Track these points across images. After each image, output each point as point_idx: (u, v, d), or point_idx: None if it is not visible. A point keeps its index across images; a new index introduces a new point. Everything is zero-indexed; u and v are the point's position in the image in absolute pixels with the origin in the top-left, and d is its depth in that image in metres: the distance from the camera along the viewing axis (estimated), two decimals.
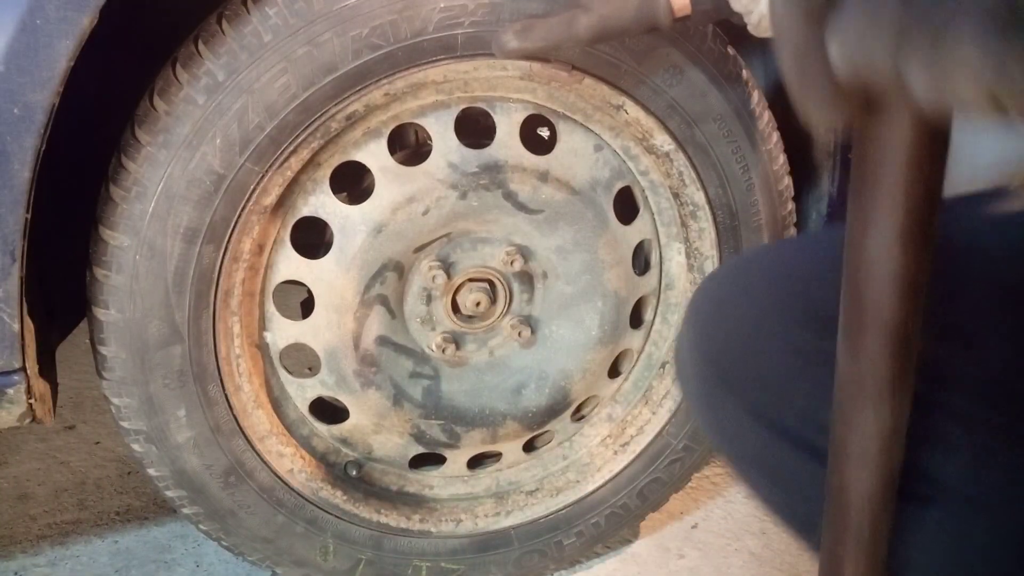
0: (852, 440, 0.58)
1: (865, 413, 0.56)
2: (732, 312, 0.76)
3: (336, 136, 1.02)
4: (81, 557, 1.36)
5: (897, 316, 0.52)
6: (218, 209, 0.96)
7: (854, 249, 0.53)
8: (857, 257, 0.53)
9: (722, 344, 0.75)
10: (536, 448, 1.30)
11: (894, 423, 0.56)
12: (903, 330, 0.53)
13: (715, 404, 0.77)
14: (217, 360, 1.04)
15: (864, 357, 0.55)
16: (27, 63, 0.81)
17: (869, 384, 0.55)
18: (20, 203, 0.85)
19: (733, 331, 0.75)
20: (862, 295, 0.53)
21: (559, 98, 1.08)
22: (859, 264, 0.53)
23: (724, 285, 0.79)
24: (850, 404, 0.57)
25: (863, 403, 0.56)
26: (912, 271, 0.51)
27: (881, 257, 0.51)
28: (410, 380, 1.16)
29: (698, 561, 1.38)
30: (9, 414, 0.93)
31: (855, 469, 0.59)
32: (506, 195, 1.09)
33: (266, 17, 0.91)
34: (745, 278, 0.78)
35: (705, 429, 0.83)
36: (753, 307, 0.74)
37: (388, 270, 1.08)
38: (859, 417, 0.56)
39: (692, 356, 0.78)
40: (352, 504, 1.19)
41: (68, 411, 1.73)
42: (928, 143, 0.46)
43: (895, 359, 0.54)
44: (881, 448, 0.57)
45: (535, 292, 1.18)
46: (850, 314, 0.55)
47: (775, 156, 1.15)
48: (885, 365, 0.54)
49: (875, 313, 0.53)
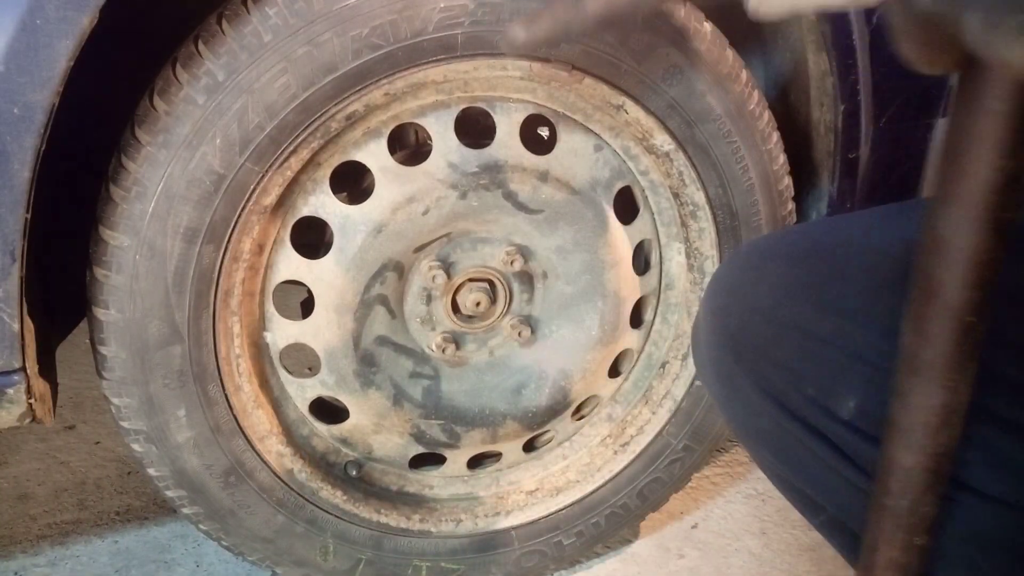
0: (904, 417, 0.57)
1: (919, 391, 0.55)
2: (749, 295, 0.77)
3: (336, 136, 1.02)
4: (81, 557, 1.36)
5: (961, 297, 0.51)
6: (218, 209, 0.96)
7: (930, 225, 0.51)
8: (929, 230, 0.51)
9: (738, 325, 0.76)
10: (536, 448, 1.30)
11: (948, 404, 0.55)
12: (968, 312, 0.52)
13: (729, 382, 0.78)
14: (217, 360, 1.04)
15: (925, 335, 0.54)
16: (27, 63, 0.81)
17: (927, 363, 0.54)
18: (20, 203, 0.85)
19: (749, 313, 0.76)
20: (929, 269, 0.52)
21: (559, 98, 1.08)
22: (932, 241, 0.51)
23: (742, 268, 0.80)
24: (906, 381, 0.56)
25: (918, 381, 0.55)
26: (982, 252, 0.49)
27: (952, 233, 0.50)
28: (410, 380, 1.16)
29: (698, 561, 1.38)
30: (9, 414, 0.93)
31: (902, 447, 0.58)
32: (506, 195, 1.09)
33: (266, 17, 0.91)
34: (763, 262, 0.79)
35: (718, 405, 0.84)
36: (769, 291, 0.75)
37: (388, 270, 1.08)
38: (913, 395, 0.56)
39: (709, 335, 0.79)
40: (352, 504, 1.19)
41: (68, 411, 1.73)
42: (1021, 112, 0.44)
43: (957, 341, 0.53)
44: (931, 428, 0.56)
45: (535, 292, 1.18)
46: (918, 290, 0.54)
47: (775, 156, 1.15)
48: (946, 345, 0.53)
49: (942, 292, 0.52)
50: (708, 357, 0.81)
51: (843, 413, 0.70)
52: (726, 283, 0.80)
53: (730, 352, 0.77)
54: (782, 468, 0.80)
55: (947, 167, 0.49)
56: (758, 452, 0.83)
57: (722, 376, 0.79)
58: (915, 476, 0.58)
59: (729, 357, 0.77)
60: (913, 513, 0.59)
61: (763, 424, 0.77)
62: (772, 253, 0.80)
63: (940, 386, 0.54)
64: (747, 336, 0.76)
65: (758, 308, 0.75)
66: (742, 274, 0.79)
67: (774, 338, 0.74)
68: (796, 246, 0.79)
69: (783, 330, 0.73)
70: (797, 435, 0.73)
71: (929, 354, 0.54)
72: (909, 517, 0.60)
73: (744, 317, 0.76)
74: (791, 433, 0.74)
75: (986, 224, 0.48)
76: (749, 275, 0.79)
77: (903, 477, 0.59)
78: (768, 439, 0.78)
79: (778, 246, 0.81)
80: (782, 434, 0.75)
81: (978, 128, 0.46)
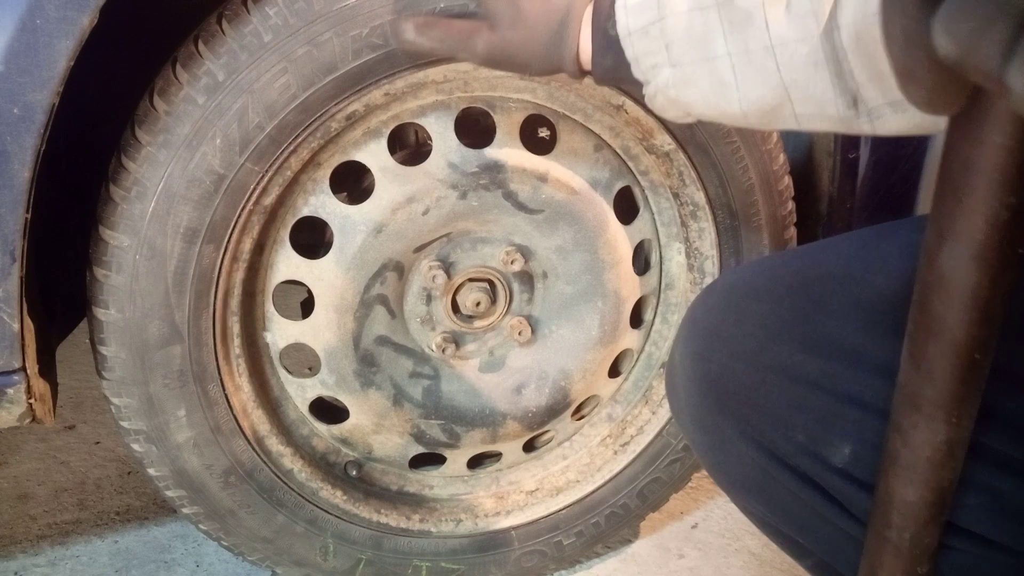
0: (905, 453, 0.55)
1: (919, 426, 0.53)
2: (730, 338, 0.73)
3: (336, 136, 1.02)
4: (81, 557, 1.36)
5: (967, 334, 0.49)
6: (218, 209, 0.96)
7: (929, 258, 0.49)
8: (931, 267, 0.48)
9: (719, 372, 0.72)
10: (536, 448, 1.30)
11: (951, 440, 0.53)
12: (971, 349, 0.49)
13: (711, 430, 0.74)
14: (217, 360, 1.04)
15: (928, 373, 0.52)
16: (27, 63, 0.81)
17: (929, 400, 0.52)
18: (20, 203, 0.85)
19: (731, 358, 0.72)
20: (931, 307, 0.49)
21: (559, 98, 1.08)
22: (932, 275, 0.49)
23: (721, 308, 0.76)
24: (905, 415, 0.54)
25: (920, 418, 0.53)
26: (988, 289, 0.47)
27: (956, 270, 0.47)
28: (410, 380, 1.16)
29: (698, 561, 1.38)
30: (9, 414, 0.93)
31: (902, 482, 0.56)
32: (506, 195, 1.09)
33: (266, 17, 0.91)
34: (742, 301, 0.74)
35: (697, 453, 0.79)
36: (752, 333, 0.71)
37: (388, 270, 1.08)
38: (915, 431, 0.54)
39: (688, 382, 0.75)
40: (352, 504, 1.19)
41: (68, 411, 1.73)
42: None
43: (959, 378, 0.50)
44: (932, 464, 0.54)
45: (535, 292, 1.18)
46: (917, 323, 0.51)
47: (775, 156, 1.15)
48: (946, 382, 0.51)
49: (943, 328, 0.49)
50: (687, 404, 0.76)
51: (836, 460, 0.67)
52: (704, 325, 0.76)
53: (712, 399, 0.73)
54: (769, 515, 0.76)
55: (947, 202, 0.46)
56: (743, 500, 0.79)
57: (703, 424, 0.75)
58: (918, 510, 0.56)
59: (711, 404, 0.73)
60: (916, 545, 0.58)
61: (749, 473, 0.73)
62: (751, 291, 0.75)
63: (943, 422, 0.52)
64: (730, 383, 0.72)
65: (741, 353, 0.71)
66: (721, 315, 0.75)
67: (760, 384, 0.70)
68: (776, 281, 0.74)
69: (769, 375, 0.69)
70: (786, 484, 0.70)
71: (931, 392, 0.52)
72: (912, 549, 0.58)
73: (725, 363, 0.72)
74: (780, 482, 0.71)
75: (992, 262, 0.46)
76: (729, 316, 0.74)
77: (905, 511, 0.57)
78: (755, 487, 0.74)
79: (757, 282, 0.76)
80: (770, 483, 0.72)
81: (980, 162, 0.44)
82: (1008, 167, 0.43)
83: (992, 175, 0.43)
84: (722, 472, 0.78)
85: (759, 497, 0.75)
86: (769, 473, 0.71)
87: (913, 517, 0.57)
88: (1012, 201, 0.44)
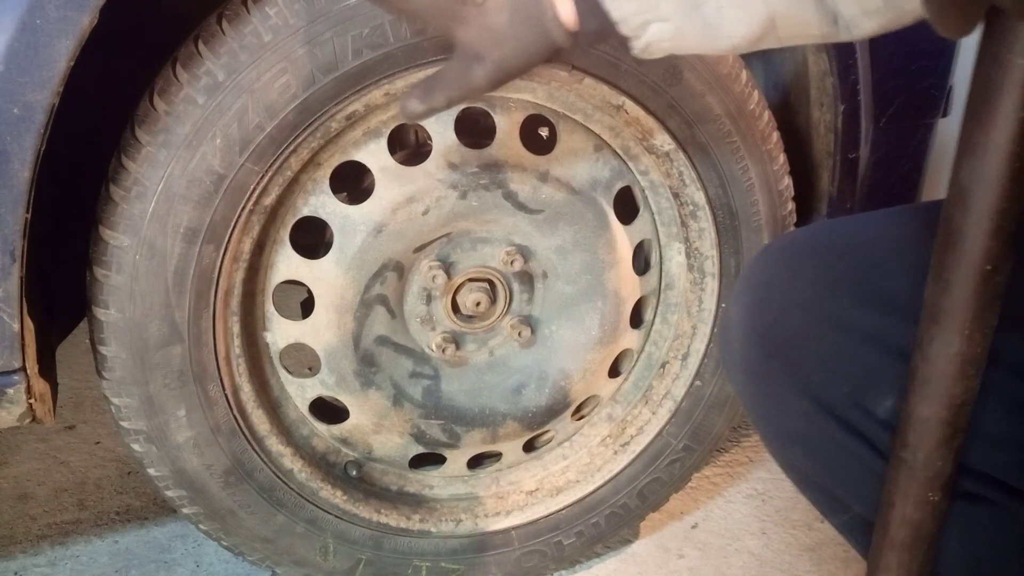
0: (922, 367, 0.58)
1: (936, 339, 0.56)
2: (786, 289, 0.75)
3: (336, 136, 1.02)
4: (81, 557, 1.36)
5: (980, 245, 0.52)
6: (218, 209, 0.96)
7: (954, 173, 0.52)
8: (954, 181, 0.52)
9: (775, 319, 0.75)
10: (536, 448, 1.30)
11: (964, 354, 0.56)
12: (984, 260, 0.52)
13: (762, 380, 0.77)
14: (217, 360, 1.04)
15: (946, 283, 0.55)
16: (27, 63, 0.81)
17: (946, 311, 0.55)
18: (20, 203, 0.85)
19: (787, 307, 0.74)
20: (951, 219, 0.53)
21: (559, 98, 1.08)
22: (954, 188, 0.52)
23: (777, 263, 0.78)
24: (925, 328, 0.57)
25: (938, 330, 0.56)
26: (1002, 200, 0.50)
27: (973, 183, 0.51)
28: (410, 380, 1.16)
29: (698, 561, 1.38)
30: (9, 414, 0.93)
31: (918, 397, 0.58)
32: (506, 195, 1.09)
33: (266, 17, 0.91)
34: (798, 256, 0.77)
35: (746, 405, 0.82)
36: (808, 284, 0.74)
37: (388, 270, 1.08)
38: (932, 344, 0.56)
39: (742, 332, 0.78)
40: (352, 504, 1.19)
41: (68, 411, 1.73)
42: None
43: (971, 288, 0.53)
44: (945, 377, 0.57)
45: (535, 292, 1.18)
46: (940, 237, 0.54)
47: (775, 156, 1.15)
48: (960, 292, 0.54)
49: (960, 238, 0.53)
50: (740, 356, 0.79)
51: (880, 412, 0.69)
52: (760, 278, 0.78)
53: (765, 348, 0.75)
54: (812, 466, 0.78)
55: (970, 119, 0.50)
56: (786, 452, 0.81)
57: (754, 374, 0.78)
58: (931, 427, 0.59)
59: (763, 353, 0.76)
60: (928, 467, 0.60)
61: (796, 422, 0.75)
62: (807, 248, 0.78)
63: (957, 333, 0.55)
64: (784, 331, 0.74)
65: (797, 302, 0.74)
66: (777, 269, 0.77)
67: (813, 333, 0.72)
68: (832, 240, 0.77)
69: (823, 325, 0.72)
70: (831, 432, 0.72)
71: (948, 303, 0.55)
72: (924, 471, 0.60)
73: (782, 311, 0.74)
74: (825, 431, 0.73)
75: (1007, 174, 0.49)
76: (785, 270, 0.77)
77: (919, 428, 0.59)
78: (800, 437, 0.76)
79: (812, 241, 0.79)
80: (815, 432, 0.74)
81: (1000, 81, 0.47)
82: (1021, 84, 0.47)
83: (1006, 91, 0.47)
84: (770, 422, 0.80)
85: (804, 447, 0.78)
86: (815, 422, 0.73)
87: (927, 435, 0.59)
88: (1022, 116, 0.48)
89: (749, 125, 1.11)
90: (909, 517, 0.62)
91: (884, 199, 1.19)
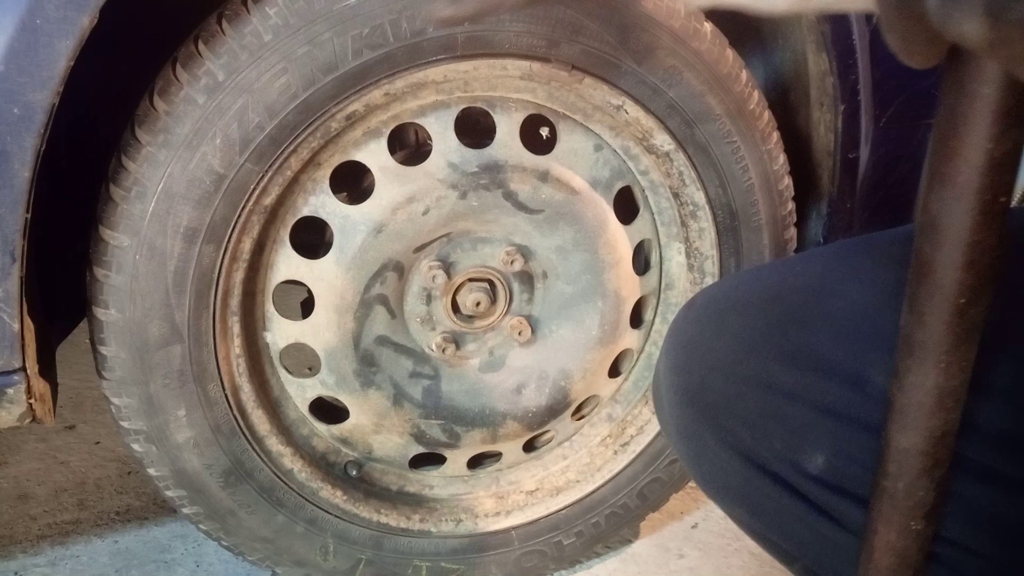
0: (900, 398, 0.57)
1: (912, 370, 0.56)
2: (707, 350, 0.74)
3: (336, 136, 1.02)
4: (81, 557, 1.36)
5: (952, 277, 0.51)
6: (218, 209, 0.96)
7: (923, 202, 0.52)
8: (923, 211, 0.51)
9: (698, 383, 0.74)
10: (536, 448, 1.30)
11: (941, 386, 0.55)
12: (957, 293, 0.51)
13: (694, 440, 0.76)
14: (217, 360, 1.04)
15: (920, 316, 0.54)
16: (27, 63, 0.81)
17: (920, 343, 0.54)
18: (20, 203, 0.85)
19: (709, 371, 0.73)
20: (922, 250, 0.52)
21: (559, 98, 1.08)
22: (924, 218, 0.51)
23: (700, 319, 0.77)
24: (901, 359, 0.56)
25: (913, 362, 0.55)
26: (972, 233, 0.49)
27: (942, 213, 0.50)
28: (410, 380, 1.16)
29: (698, 561, 1.38)
30: (9, 414, 0.93)
31: (896, 427, 0.58)
32: (506, 195, 1.09)
33: (266, 17, 0.91)
34: (721, 312, 0.76)
35: (684, 462, 0.81)
36: (729, 345, 0.73)
37: (388, 270, 1.08)
38: (908, 375, 0.56)
39: (670, 393, 0.77)
40: (352, 504, 1.19)
41: (68, 411, 1.73)
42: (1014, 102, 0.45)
43: (945, 321, 0.53)
44: (922, 409, 0.56)
45: (535, 292, 1.18)
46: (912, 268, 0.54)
47: (775, 156, 1.15)
48: (934, 325, 0.53)
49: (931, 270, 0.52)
50: (670, 415, 0.78)
51: (812, 468, 0.67)
52: (683, 338, 0.77)
53: (693, 409, 0.74)
54: (754, 523, 0.77)
55: (938, 150, 0.49)
56: (729, 508, 0.80)
57: (686, 434, 0.76)
58: (911, 458, 0.58)
59: (692, 414, 0.74)
60: (909, 496, 0.59)
61: (732, 481, 0.74)
62: (729, 304, 0.76)
63: (932, 366, 0.54)
64: (708, 394, 0.73)
65: (718, 364, 0.72)
66: (700, 328, 0.76)
67: (736, 395, 0.71)
68: (753, 295, 0.75)
69: (745, 386, 0.70)
70: (767, 490, 0.71)
71: (922, 335, 0.54)
72: (905, 500, 0.60)
73: (705, 372, 0.73)
74: (761, 489, 0.72)
75: (976, 205, 0.48)
76: (707, 329, 0.75)
77: (899, 458, 0.59)
78: (739, 495, 0.75)
79: (734, 295, 0.77)
80: (752, 490, 0.73)
81: (964, 111, 0.47)
82: (986, 114, 0.46)
83: (973, 121, 0.46)
84: (707, 481, 0.79)
85: (743, 504, 0.77)
86: (750, 480, 0.72)
87: (907, 465, 0.59)
88: (991, 147, 0.47)
89: (749, 125, 1.11)
90: (893, 544, 0.62)
91: (884, 199, 1.19)
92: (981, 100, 0.46)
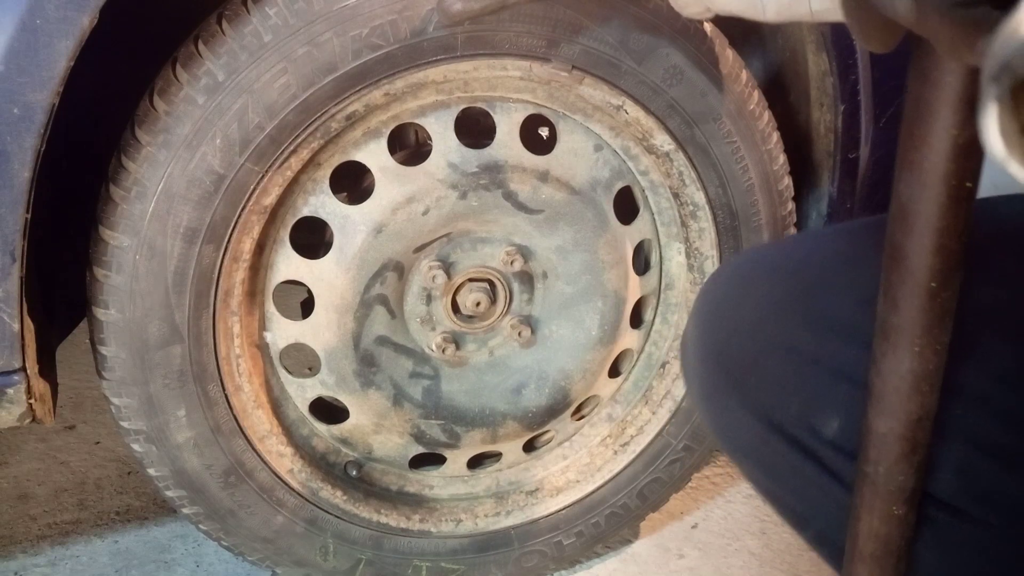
0: (877, 383, 0.58)
1: (887, 355, 0.57)
2: (734, 310, 0.76)
3: (336, 136, 1.02)
4: (81, 557, 1.36)
5: (922, 262, 0.52)
6: (218, 209, 0.96)
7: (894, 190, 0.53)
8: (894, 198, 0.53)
9: (724, 341, 0.76)
10: (536, 448, 1.30)
11: (915, 370, 0.56)
12: (927, 277, 0.52)
13: (717, 399, 0.77)
14: (217, 360, 1.04)
15: (893, 301, 0.55)
16: (27, 63, 0.81)
17: (895, 328, 0.55)
18: (20, 203, 0.85)
19: (735, 330, 0.75)
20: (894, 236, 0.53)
21: (559, 98, 1.08)
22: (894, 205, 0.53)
23: (729, 283, 0.79)
24: (878, 344, 0.57)
25: (888, 347, 0.56)
26: (940, 219, 0.50)
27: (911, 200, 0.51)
28: (410, 380, 1.16)
29: (698, 561, 1.38)
30: (9, 414, 0.93)
31: (875, 412, 0.59)
32: (506, 195, 1.09)
33: (266, 17, 0.91)
34: (749, 277, 0.78)
35: (706, 422, 0.83)
36: (755, 307, 0.74)
37: (388, 270, 1.09)
38: (884, 360, 0.57)
39: (696, 352, 0.79)
40: (352, 504, 1.19)
41: (68, 411, 1.73)
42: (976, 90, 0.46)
43: (917, 306, 0.54)
44: (898, 393, 0.57)
45: (535, 292, 1.18)
46: (887, 257, 0.55)
47: (775, 156, 1.15)
48: (907, 309, 0.54)
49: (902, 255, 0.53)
50: (695, 373, 0.80)
51: (827, 432, 0.69)
52: (713, 297, 0.79)
53: (717, 368, 0.76)
54: (770, 484, 0.79)
55: (905, 138, 0.51)
56: (747, 468, 0.82)
57: (709, 392, 0.78)
58: (889, 442, 0.59)
59: (715, 374, 0.76)
60: (889, 481, 0.60)
61: (750, 441, 0.76)
62: (759, 267, 0.79)
63: (907, 351, 0.55)
64: (733, 353, 0.75)
65: (743, 325, 0.74)
66: (728, 288, 0.78)
67: (759, 355, 0.73)
68: (783, 259, 0.78)
69: (768, 347, 0.72)
70: (783, 452, 0.73)
71: (896, 320, 0.55)
72: (886, 485, 0.60)
73: (730, 333, 0.75)
74: (777, 450, 0.73)
75: (943, 191, 0.50)
76: (735, 290, 0.78)
77: (878, 443, 0.60)
78: (756, 456, 0.77)
79: (765, 259, 0.80)
80: (769, 451, 0.74)
81: (929, 99, 0.48)
82: (951, 103, 0.47)
83: (937, 109, 0.48)
84: (727, 440, 0.81)
85: (760, 465, 0.78)
86: (768, 442, 0.74)
87: (885, 450, 0.60)
88: (955, 133, 0.48)
89: (749, 125, 1.11)
90: (876, 530, 0.62)
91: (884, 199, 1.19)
92: (945, 88, 0.47)
